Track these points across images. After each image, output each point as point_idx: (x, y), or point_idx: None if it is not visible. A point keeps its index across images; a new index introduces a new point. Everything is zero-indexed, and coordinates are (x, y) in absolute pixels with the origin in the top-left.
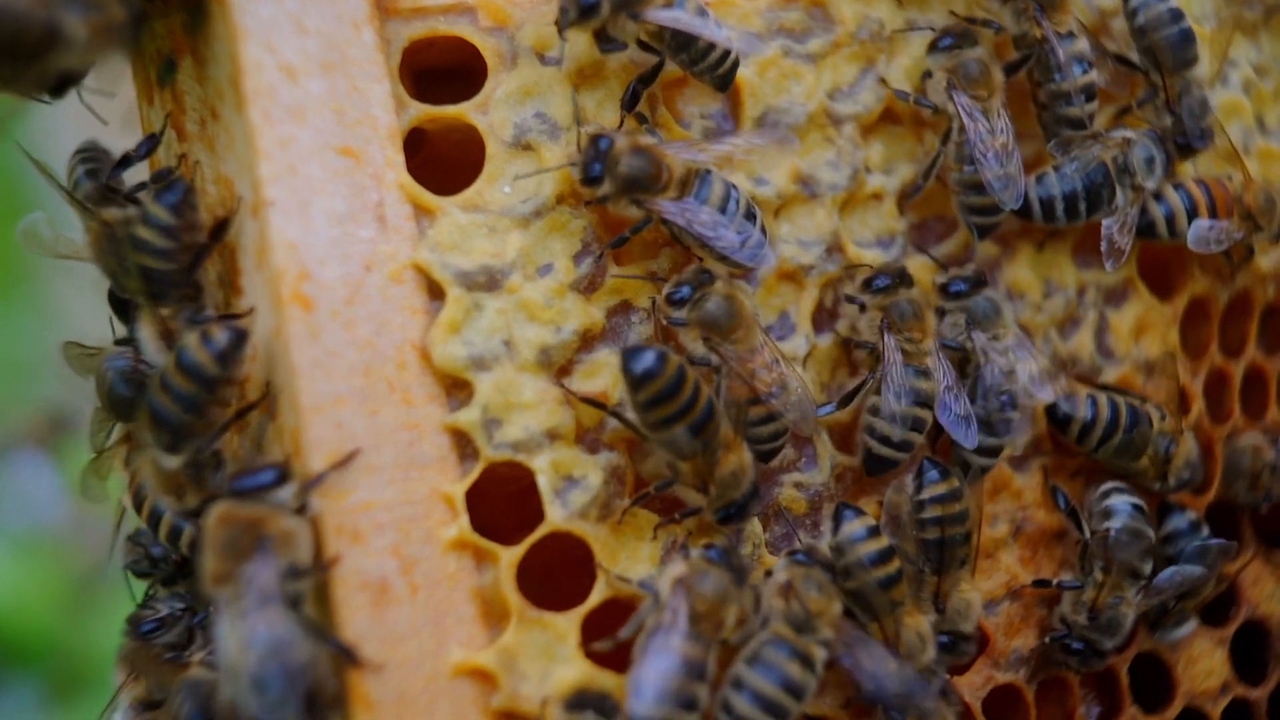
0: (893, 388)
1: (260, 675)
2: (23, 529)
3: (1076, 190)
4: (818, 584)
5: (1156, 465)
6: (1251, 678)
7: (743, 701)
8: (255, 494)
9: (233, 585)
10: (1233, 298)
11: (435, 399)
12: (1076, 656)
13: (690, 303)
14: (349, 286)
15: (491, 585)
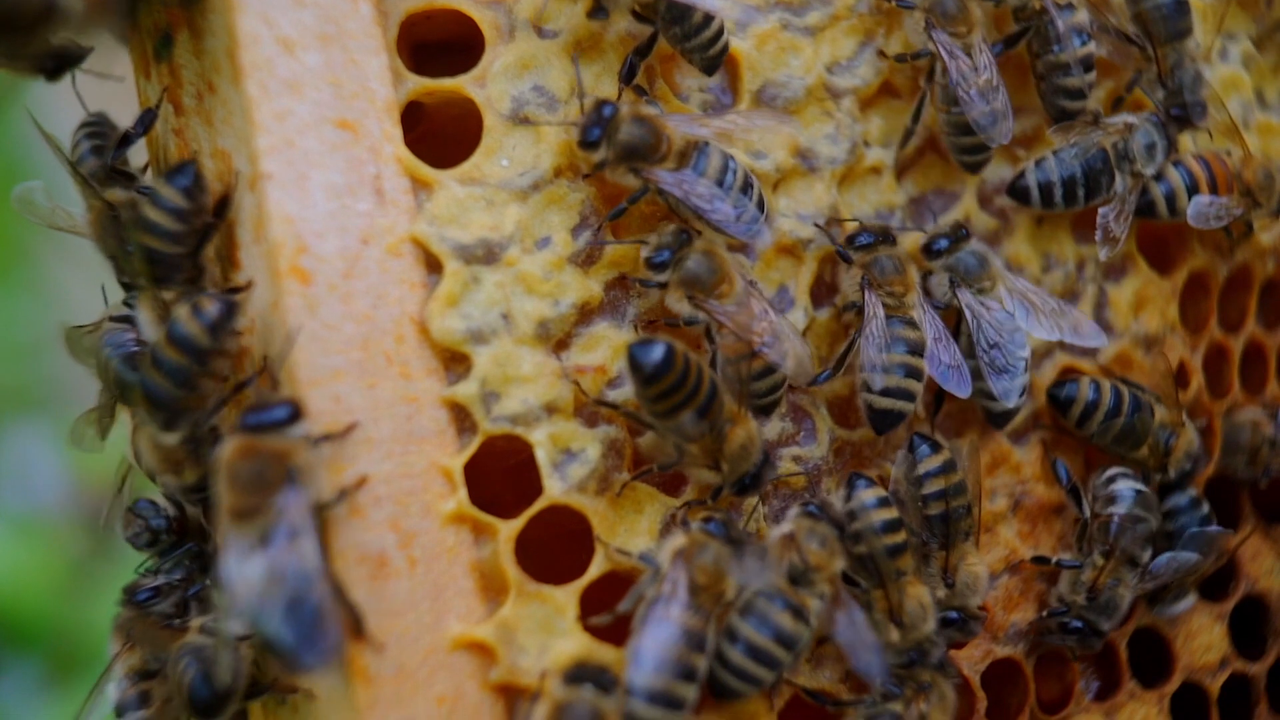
0: (874, 340)
1: (296, 607)
2: (22, 510)
3: (1075, 176)
4: (821, 538)
5: (1157, 455)
6: (1250, 652)
7: (736, 652)
8: (271, 428)
9: (261, 517)
10: (1232, 273)
11: (433, 372)
12: (1074, 635)
13: (671, 264)
14: (346, 260)
15: (490, 559)
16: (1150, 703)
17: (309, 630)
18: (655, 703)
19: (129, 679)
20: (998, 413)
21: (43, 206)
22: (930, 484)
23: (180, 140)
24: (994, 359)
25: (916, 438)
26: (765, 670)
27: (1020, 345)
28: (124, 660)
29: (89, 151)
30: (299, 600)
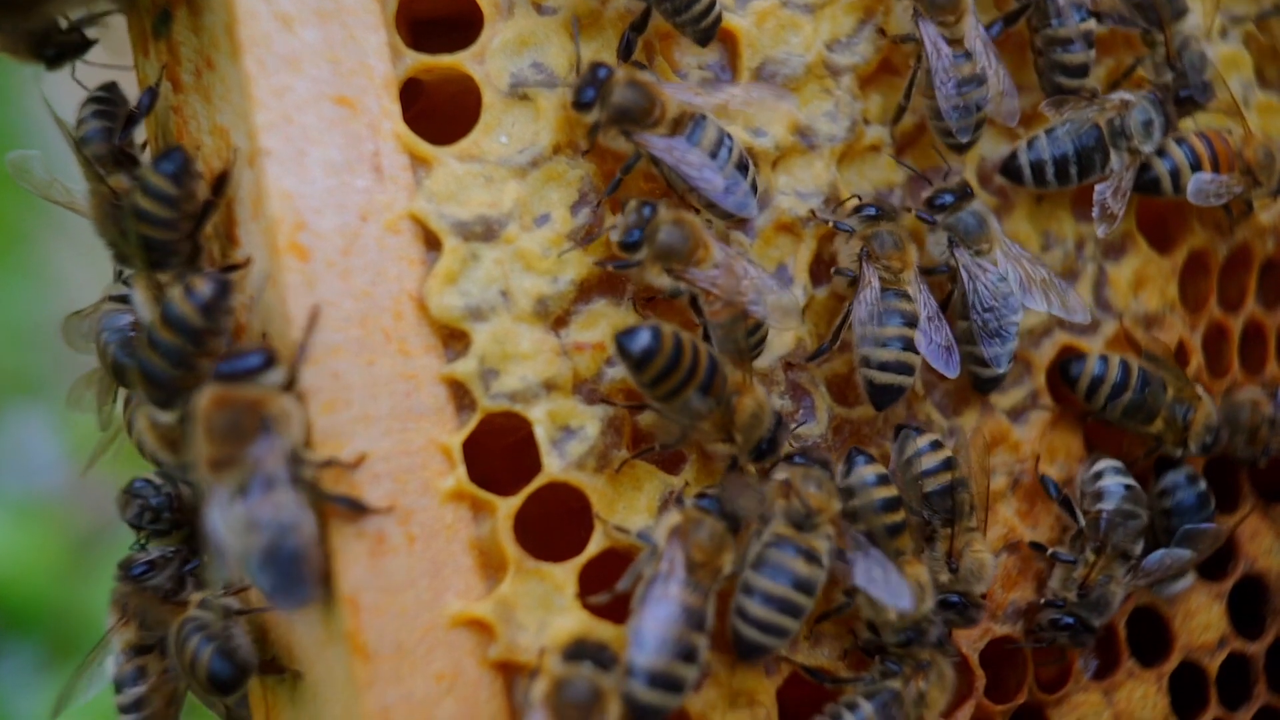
0: (868, 308)
1: (272, 554)
2: (21, 493)
3: (1067, 154)
4: (816, 481)
5: (1175, 431)
6: (1249, 632)
7: (755, 604)
8: (245, 377)
9: (236, 468)
10: (1232, 251)
11: (432, 349)
12: (1066, 632)
13: (643, 241)
14: (345, 236)
15: (489, 536)
16: (1149, 681)
17: (285, 577)
18: (656, 685)
19: (125, 654)
20: (986, 378)
21: (39, 178)
22: (923, 461)
23: (179, 117)
24: (987, 322)
25: (900, 427)
26: (788, 619)
27: (1013, 310)
28: (120, 635)
29: (96, 132)
30: (275, 547)
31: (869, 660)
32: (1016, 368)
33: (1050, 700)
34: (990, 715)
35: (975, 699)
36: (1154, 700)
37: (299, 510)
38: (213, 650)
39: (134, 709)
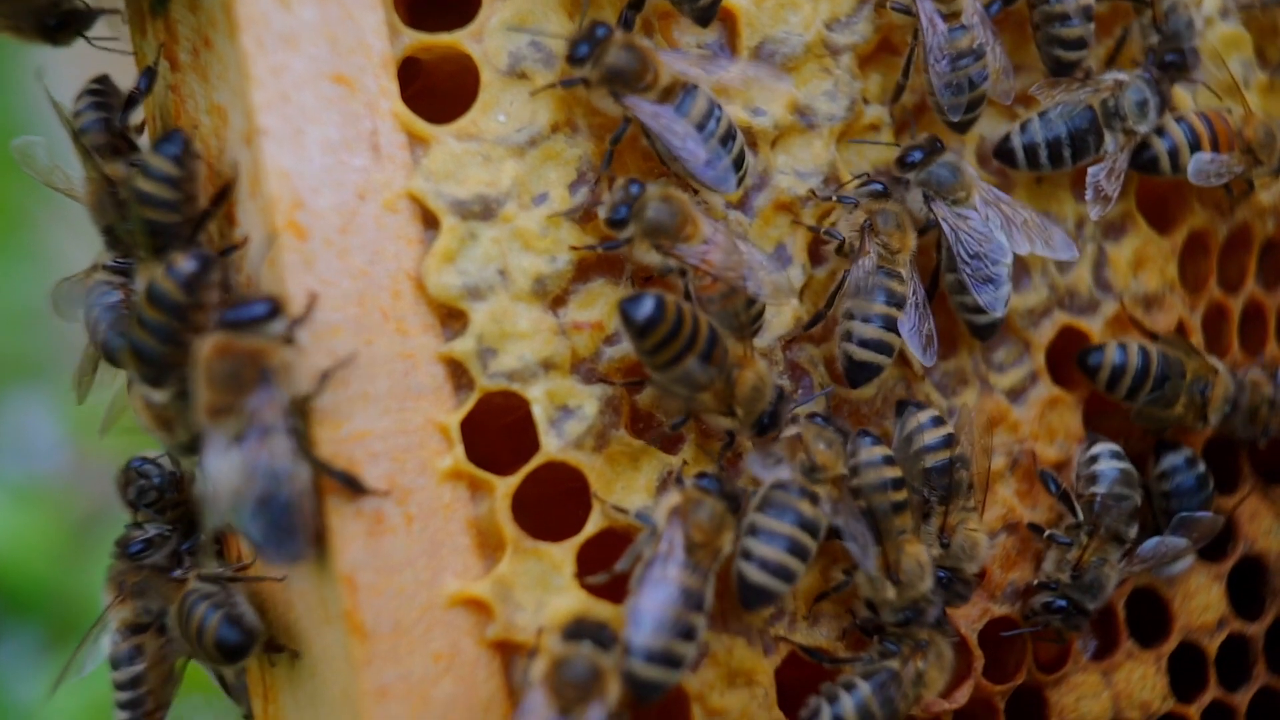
0: (857, 277)
1: (265, 503)
2: (21, 476)
3: (1060, 137)
4: (828, 441)
5: (1195, 410)
6: (1249, 612)
7: (760, 544)
8: (249, 326)
9: (235, 417)
10: (1232, 232)
11: (430, 329)
12: (1059, 615)
13: (631, 218)
14: (343, 215)
15: (487, 515)
16: (1148, 662)
17: (277, 527)
18: (654, 662)
19: (122, 632)
20: (983, 324)
21: (42, 163)
22: (924, 437)
23: (176, 96)
24: (977, 269)
25: (902, 402)
26: (794, 559)
27: (1001, 253)
28: (117, 613)
29: (94, 123)
30: (269, 498)
31: (867, 640)
32: (1015, 348)
33: (1049, 681)
34: (989, 696)
35: (974, 679)
36: (1153, 681)
37: (294, 462)
38: (220, 617)
39: (130, 686)
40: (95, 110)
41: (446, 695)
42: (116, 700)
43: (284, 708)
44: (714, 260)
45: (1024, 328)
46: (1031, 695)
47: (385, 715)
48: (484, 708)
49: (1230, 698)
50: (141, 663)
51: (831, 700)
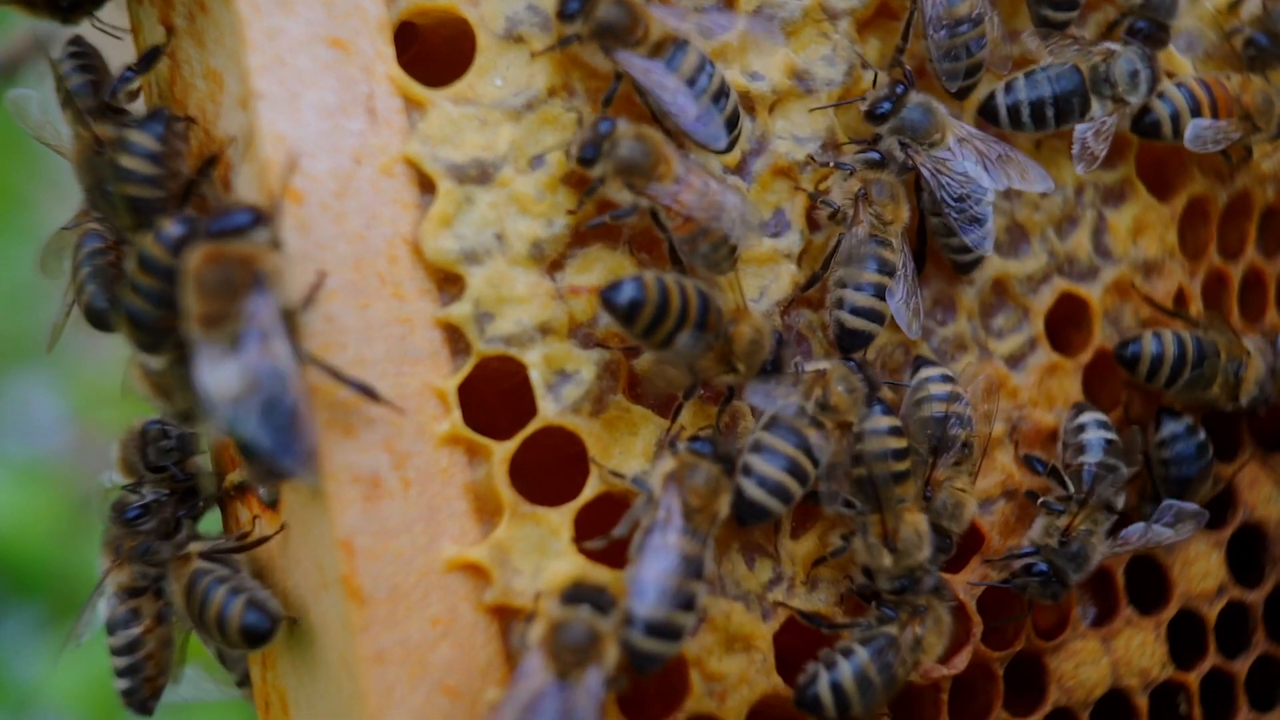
0: (850, 244)
1: (270, 407)
2: (23, 455)
3: (1044, 98)
4: (850, 387)
5: (1228, 390)
6: (1248, 580)
7: (762, 460)
8: (235, 234)
9: (230, 323)
10: (1232, 199)
11: (427, 293)
12: (1039, 579)
13: (601, 156)
14: (339, 179)
15: (484, 480)
16: (1147, 629)
17: (285, 432)
18: (654, 634)
19: (119, 596)
20: (969, 262)
21: (34, 117)
22: (929, 387)
23: (172, 62)
24: (962, 211)
25: (919, 359)
26: (792, 481)
27: (983, 192)
28: (114, 578)
29: (83, 86)
30: (274, 402)
31: (865, 605)
32: (1014, 314)
33: (1048, 647)
34: (987, 662)
35: (972, 645)
36: (1152, 648)
37: (294, 367)
38: (243, 603)
39: (128, 651)
40: (81, 73)
41: (444, 660)
42: (115, 667)
43: (282, 674)
44: (686, 200)
45: (1023, 294)
46: (1030, 662)
47: (383, 680)
48: (481, 672)
49: (1229, 665)
50: (139, 626)
51: (830, 666)
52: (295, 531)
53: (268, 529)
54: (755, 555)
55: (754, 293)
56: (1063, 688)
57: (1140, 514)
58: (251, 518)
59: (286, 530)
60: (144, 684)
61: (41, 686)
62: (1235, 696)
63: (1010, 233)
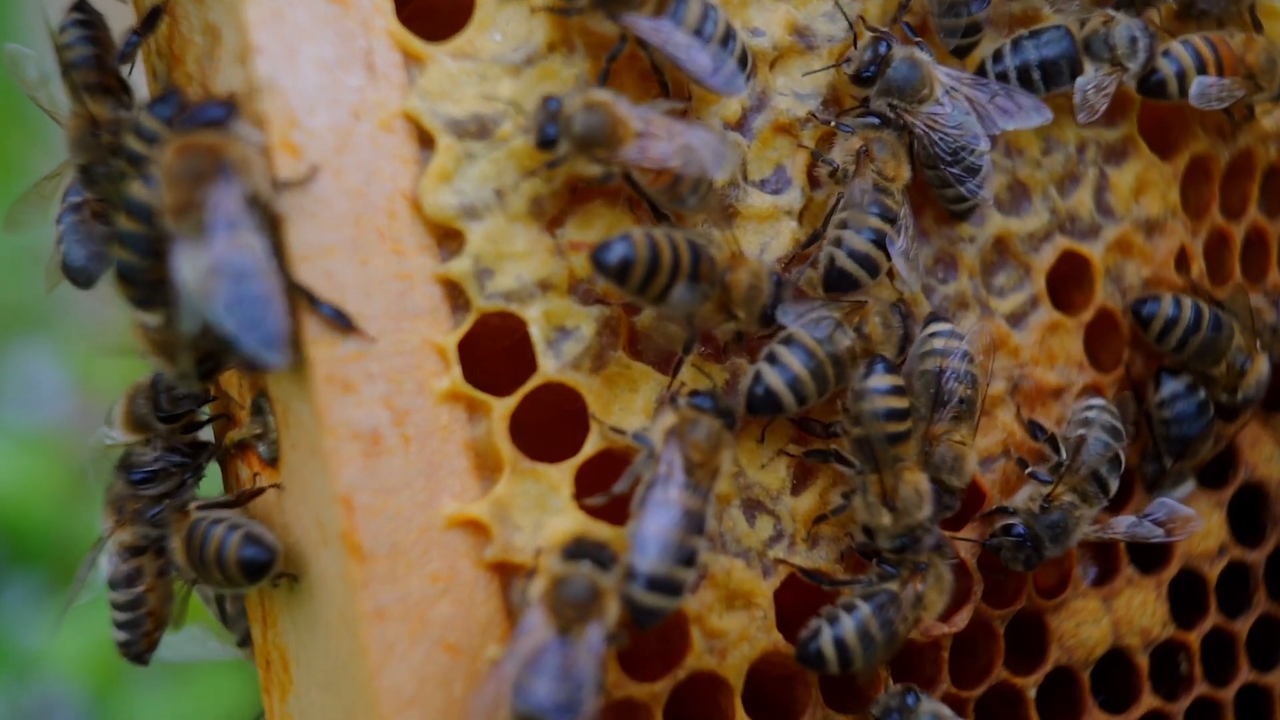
0: (854, 193)
1: (237, 293)
2: (25, 424)
3: (1029, 63)
4: (886, 322)
5: (1232, 375)
6: (1249, 540)
7: (775, 369)
8: (207, 126)
9: (195, 212)
10: (1234, 158)
11: (426, 249)
12: (1013, 540)
13: (560, 135)
14: (338, 135)
15: (484, 437)
16: (1148, 589)
17: (251, 319)
18: (655, 589)
19: (120, 555)
20: (966, 209)
21: (31, 77)
22: (936, 341)
23: (170, 18)
24: (959, 162)
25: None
26: (813, 382)
27: (978, 140)
28: (116, 536)
29: (86, 59)
30: (240, 287)
31: (866, 563)
32: (1016, 272)
33: (1049, 606)
34: (988, 620)
35: (973, 603)
36: (1153, 607)
37: (264, 254)
38: (241, 536)
39: (130, 608)
40: (86, 45)
41: (444, 616)
42: (115, 620)
43: (283, 633)
44: (656, 153)
45: (1024, 252)
46: (1031, 621)
47: (383, 637)
48: (482, 629)
49: (1231, 625)
50: (141, 584)
51: (832, 621)
52: (295, 489)
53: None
54: (756, 512)
55: (754, 249)
56: (1064, 647)
57: (1141, 474)
58: (251, 475)
59: (287, 487)
60: (142, 638)
61: (43, 654)
62: (1236, 656)
63: (1012, 190)
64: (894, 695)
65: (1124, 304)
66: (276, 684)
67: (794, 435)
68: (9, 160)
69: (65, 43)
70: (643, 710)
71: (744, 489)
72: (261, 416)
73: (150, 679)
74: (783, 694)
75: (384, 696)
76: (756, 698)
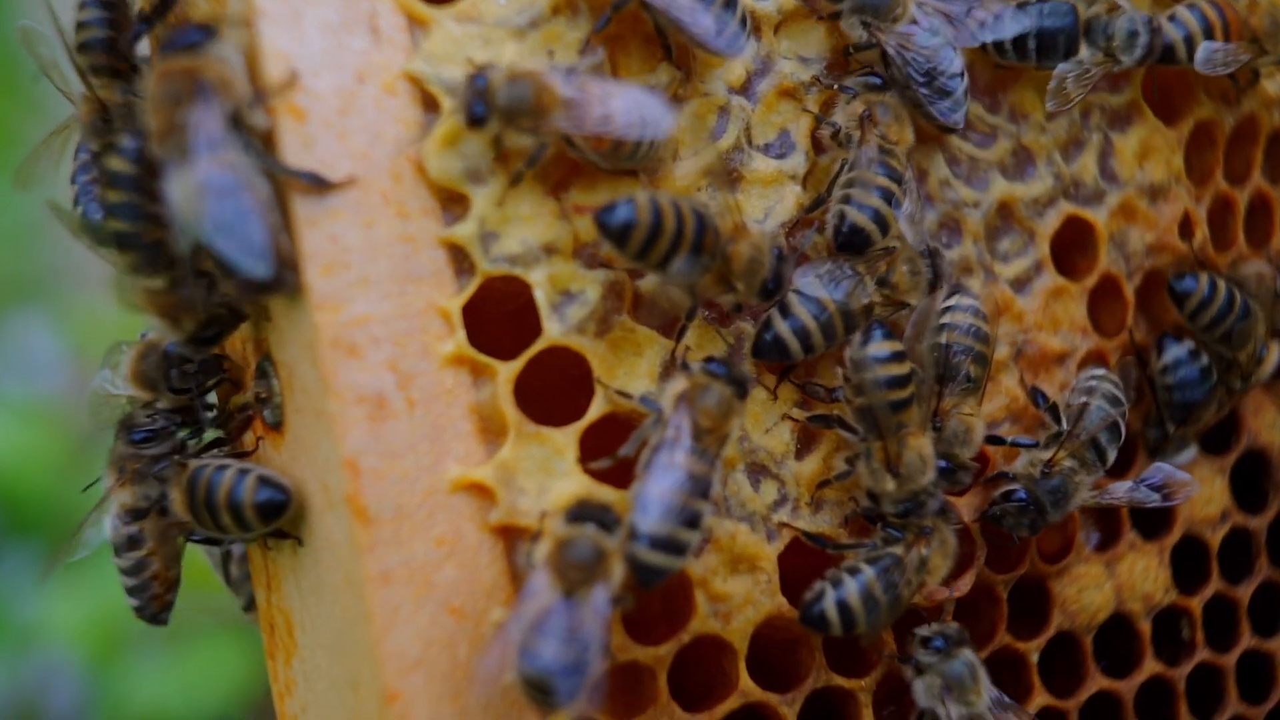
0: (865, 155)
1: (223, 211)
2: (23, 395)
3: (1027, 31)
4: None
5: (1251, 363)
6: (1251, 506)
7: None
8: (186, 50)
9: (177, 134)
10: (1238, 123)
11: (430, 212)
12: (1016, 506)
13: (489, 112)
14: (342, 98)
15: (489, 401)
16: (1151, 554)
17: (233, 231)
18: (659, 548)
19: (122, 518)
20: (945, 127)
21: (44, 55)
22: (952, 316)
23: None
24: (931, 85)
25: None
26: (820, 335)
27: (950, 62)
28: (116, 497)
29: (98, 41)
30: (222, 206)
31: (870, 527)
32: (1020, 237)
33: (1052, 571)
34: (991, 585)
35: (977, 568)
36: (1155, 573)
37: (250, 172)
38: (255, 479)
39: (136, 572)
40: (102, 26)
41: (449, 580)
42: (124, 585)
43: (287, 596)
44: (588, 121)
45: (1029, 217)
46: (1034, 586)
47: (388, 600)
48: (487, 592)
49: (1232, 591)
50: (143, 548)
51: (835, 584)
52: (300, 452)
53: (272, 451)
54: (760, 477)
55: (759, 214)
56: (1066, 612)
57: (1144, 440)
58: (255, 439)
59: (292, 452)
60: (152, 600)
61: (42, 624)
62: (1238, 622)
63: (1016, 155)
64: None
65: (1128, 269)
66: (281, 648)
67: (798, 400)
68: (8, 133)
69: (82, 20)
70: (647, 673)
71: (748, 453)
72: (266, 380)
73: (149, 648)
74: (787, 658)
75: (389, 660)
76: (760, 662)
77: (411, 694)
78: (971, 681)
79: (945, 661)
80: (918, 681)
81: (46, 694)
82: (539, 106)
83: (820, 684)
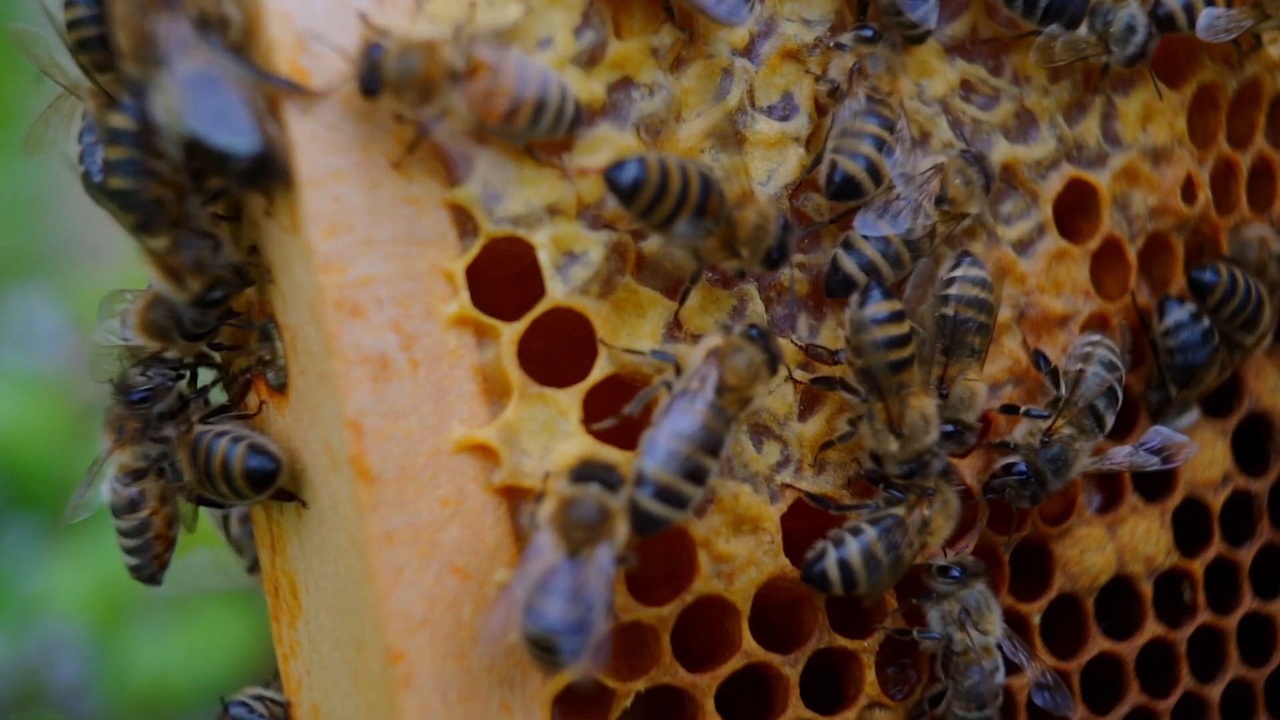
0: (849, 110)
1: (202, 96)
2: (24, 367)
3: None
4: (965, 178)
5: (1258, 344)
6: (1253, 469)
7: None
8: None
9: (150, 46)
10: (1241, 86)
11: (434, 174)
12: (1017, 478)
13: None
14: (345, 59)
15: (493, 362)
16: (1152, 517)
17: (216, 115)
18: (660, 497)
19: (121, 480)
20: (918, 36)
21: (42, 55)
22: (958, 288)
23: None
24: None
25: (965, 253)
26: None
27: None
28: (115, 458)
29: (94, 40)
30: (204, 94)
31: (873, 489)
32: (1023, 200)
33: (1053, 533)
34: (993, 547)
35: (978, 530)
36: (1157, 535)
37: (225, 65)
38: (245, 447)
39: (136, 534)
40: (91, 25)
41: (453, 540)
42: (123, 546)
43: (291, 558)
44: (475, 93)
45: (1031, 180)
46: (1036, 548)
47: (392, 560)
48: (490, 553)
49: (1234, 553)
50: (145, 509)
51: (838, 544)
52: (304, 414)
53: (276, 414)
54: (763, 437)
55: (762, 176)
56: (1068, 574)
57: (1145, 403)
58: (259, 402)
59: (296, 413)
60: (152, 560)
61: (44, 595)
62: (1239, 585)
63: (1019, 118)
64: None
65: (1131, 231)
66: (285, 610)
67: (801, 361)
68: (9, 107)
69: (72, 20)
70: (650, 634)
71: (751, 414)
72: (269, 342)
73: (152, 617)
74: (789, 619)
75: (393, 620)
76: (763, 623)
77: (416, 654)
78: (988, 610)
79: (962, 589)
80: (933, 610)
81: (50, 666)
82: (427, 79)
83: (823, 644)
